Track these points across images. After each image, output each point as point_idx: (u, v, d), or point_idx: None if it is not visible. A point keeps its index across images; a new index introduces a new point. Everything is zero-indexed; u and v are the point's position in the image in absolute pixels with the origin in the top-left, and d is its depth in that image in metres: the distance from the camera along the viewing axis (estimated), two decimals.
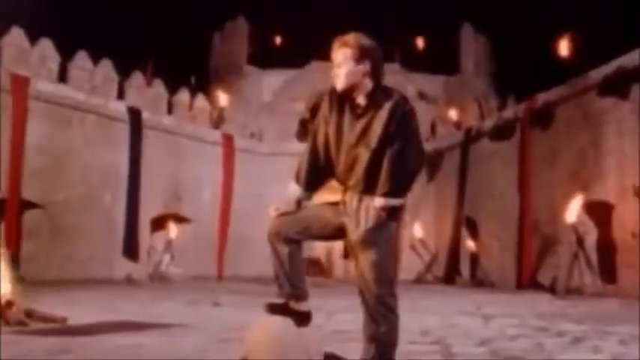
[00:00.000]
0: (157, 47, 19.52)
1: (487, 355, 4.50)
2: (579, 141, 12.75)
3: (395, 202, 2.73)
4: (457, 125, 19.27)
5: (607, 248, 11.62)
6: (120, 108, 15.83)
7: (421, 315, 7.05)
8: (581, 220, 11.84)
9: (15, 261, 7.78)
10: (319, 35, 21.38)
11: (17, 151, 13.09)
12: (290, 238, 2.94)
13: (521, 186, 14.25)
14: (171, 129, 17.22)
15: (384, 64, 2.96)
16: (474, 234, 16.60)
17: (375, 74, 2.83)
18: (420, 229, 18.60)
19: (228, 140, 18.62)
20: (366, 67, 2.82)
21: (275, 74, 21.48)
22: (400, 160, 2.71)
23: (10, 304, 5.59)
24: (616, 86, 11.67)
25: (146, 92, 17.11)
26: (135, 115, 15.89)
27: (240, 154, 19.06)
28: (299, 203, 2.97)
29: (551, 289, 12.44)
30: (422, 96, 21.20)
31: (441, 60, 21.38)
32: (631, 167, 11.16)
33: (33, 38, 14.58)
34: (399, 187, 2.74)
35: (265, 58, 21.83)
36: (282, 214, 2.98)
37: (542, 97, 14.28)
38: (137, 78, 17.10)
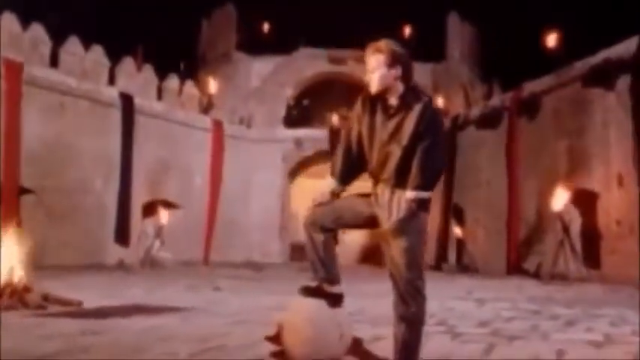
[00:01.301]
0: (145, 33, 19.53)
1: (489, 334, 4.79)
2: (565, 130, 13.08)
3: (424, 194, 2.99)
4: (444, 112, 19.55)
5: (591, 235, 11.99)
6: (112, 93, 15.88)
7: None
8: (566, 208, 12.19)
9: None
10: (307, 22, 21.55)
11: (13, 137, 13.13)
12: (325, 227, 3.19)
13: (508, 174, 14.58)
14: (162, 115, 17.30)
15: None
16: (461, 221, 16.94)
17: (406, 78, 3.07)
18: None
19: (217, 126, 18.75)
20: (397, 71, 3.06)
21: (263, 60, 21.55)
22: (429, 157, 2.97)
23: (27, 288, 5.78)
24: (602, 77, 11.98)
25: (136, 78, 17.16)
26: (127, 100, 15.95)
27: (228, 139, 19.20)
28: (334, 195, 3.21)
29: (536, 275, 12.82)
30: None
31: (428, 48, 21.57)
32: (616, 157, 11.52)
33: (24, 23, 14.56)
34: (429, 181, 3.00)
35: (253, 44, 21.86)
36: (318, 205, 3.21)
37: (528, 87, 14.59)
38: (127, 63, 17.13)
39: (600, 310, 6.79)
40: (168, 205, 17.19)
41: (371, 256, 21.33)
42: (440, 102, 19.74)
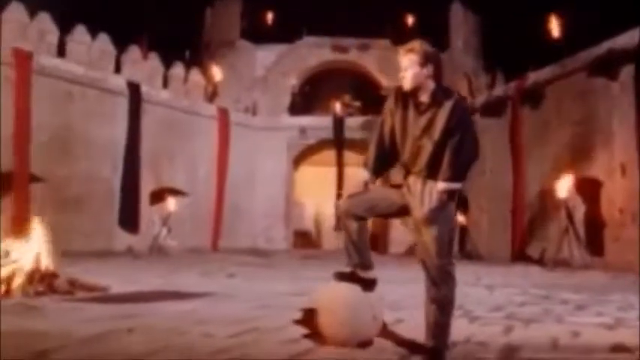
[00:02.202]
0: (150, 21, 19.59)
1: (505, 318, 4.99)
2: (569, 120, 13.26)
3: (455, 186, 3.19)
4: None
5: (595, 223, 12.20)
6: (119, 82, 16.01)
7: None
8: (570, 196, 12.39)
9: None
10: (310, 11, 21.59)
11: (23, 126, 13.29)
12: (359, 216, 3.38)
13: (512, 162, 14.77)
14: (168, 103, 17.44)
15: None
16: (465, 209, 17.14)
17: (437, 76, 3.25)
18: None
19: (223, 114, 18.90)
20: (429, 70, 3.24)
21: (267, 49, 21.65)
22: (459, 151, 3.17)
23: (55, 274, 5.97)
24: (606, 67, 12.14)
25: (142, 66, 17.28)
26: (134, 89, 16.08)
27: (233, 127, 19.34)
28: (367, 186, 3.39)
29: (540, 262, 13.03)
30: None
31: (431, 37, 21.67)
32: (619, 146, 11.70)
33: (31, 13, 14.67)
34: (459, 173, 3.20)
35: (257, 33, 21.95)
36: (353, 195, 3.40)
37: (532, 76, 14.74)
38: (133, 52, 17.24)
39: (607, 295, 7.00)
40: (175, 192, 17.38)
41: (371, 243, 21.55)
42: None
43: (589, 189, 12.39)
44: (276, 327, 4.08)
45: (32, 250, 5.95)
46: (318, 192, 21.43)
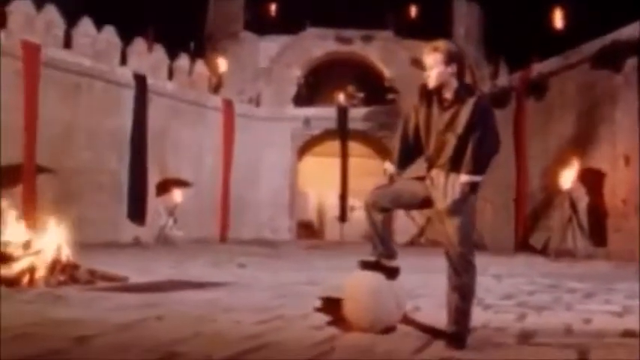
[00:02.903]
0: (155, 13, 19.65)
1: (516, 306, 5.14)
2: (573, 111, 13.39)
3: (476, 178, 3.36)
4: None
5: (598, 213, 12.35)
6: (126, 74, 16.12)
7: (437, 274, 7.65)
8: (574, 186, 12.54)
9: None
10: (314, 2, 21.62)
11: (32, 118, 13.41)
12: (384, 207, 3.54)
13: (516, 153, 14.90)
14: (174, 94, 17.55)
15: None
16: None
17: (460, 74, 3.39)
18: None
19: (228, 105, 19.01)
20: (453, 68, 3.38)
21: (271, 40, 21.74)
22: (481, 145, 3.32)
23: (75, 265, 6.11)
24: (610, 59, 12.26)
25: (147, 58, 17.38)
26: (140, 80, 16.19)
27: (238, 118, 19.45)
28: (392, 178, 3.54)
29: (543, 252, 13.20)
30: (415, 62, 21.63)
31: (434, 27, 21.74)
32: (623, 137, 11.84)
33: (37, 5, 14.75)
34: (480, 166, 3.36)
35: (261, 24, 22.02)
36: (378, 188, 3.55)
37: (536, 68, 14.85)
38: (139, 44, 17.34)
39: (612, 284, 7.15)
40: (181, 183, 17.52)
41: None
42: None
43: (592, 180, 12.54)
44: (299, 315, 4.22)
45: (53, 241, 6.08)
46: (321, 182, 21.60)
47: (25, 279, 5.63)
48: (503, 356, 3.08)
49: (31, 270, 5.69)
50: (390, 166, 3.56)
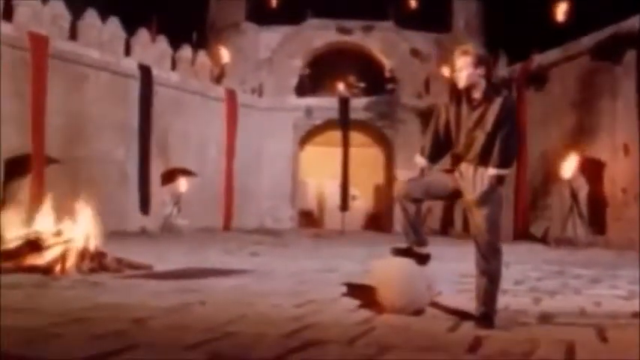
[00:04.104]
0: (158, 3, 19.78)
1: (529, 291, 5.43)
2: (573, 101, 13.65)
3: (503, 171, 3.65)
4: (449, 82, 20.04)
5: (598, 202, 12.66)
6: (131, 65, 16.29)
7: (450, 263, 7.96)
8: (574, 176, 12.83)
9: None
10: None
11: (40, 109, 13.59)
12: (415, 198, 3.82)
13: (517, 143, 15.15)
14: (178, 85, 17.74)
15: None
16: None
17: (487, 76, 3.67)
18: None
19: (231, 95, 19.21)
20: (481, 71, 3.65)
21: (272, 31, 21.93)
22: (508, 141, 3.61)
23: (103, 253, 6.36)
24: (610, 51, 12.52)
25: (151, 49, 17.54)
26: (145, 71, 16.37)
27: (240, 108, 19.65)
28: (423, 171, 3.81)
29: (543, 240, 13.50)
30: (415, 53, 21.90)
31: (433, 18, 21.97)
32: (622, 128, 12.13)
33: None
34: (507, 161, 3.65)
35: (262, 14, 22.18)
36: (410, 180, 3.82)
37: (537, 59, 15.09)
38: (142, 35, 17.50)
39: (615, 271, 7.46)
40: (186, 173, 17.75)
41: (374, 222, 22.05)
42: (445, 72, 20.27)
43: (592, 169, 12.83)
44: (328, 299, 4.49)
45: (81, 230, 6.32)
46: (321, 172, 21.85)
47: (58, 267, 5.87)
48: (530, 334, 3.35)
49: (63, 258, 5.93)
50: (421, 160, 3.84)
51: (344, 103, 20.49)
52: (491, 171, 3.59)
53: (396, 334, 3.25)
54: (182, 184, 17.19)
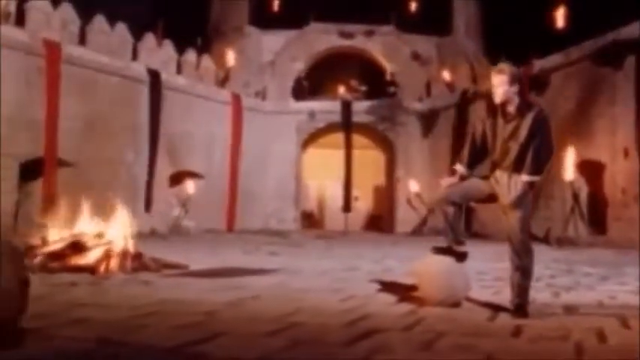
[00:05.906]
0: (163, 8, 20.15)
1: (546, 287, 5.82)
2: (574, 105, 14.08)
3: (535, 178, 4.09)
4: (450, 85, 20.50)
5: (598, 203, 13.10)
6: (140, 69, 16.63)
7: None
8: (575, 177, 13.26)
9: None
10: None
11: (53, 114, 13.93)
12: (454, 202, 4.24)
13: None
14: (185, 89, 18.08)
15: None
16: None
17: (521, 92, 4.09)
18: (415, 184, 19.99)
19: (236, 99, 19.57)
20: (515, 88, 4.09)
21: (274, 35, 22.28)
22: (539, 151, 4.04)
23: (142, 254, 6.72)
24: (610, 57, 12.95)
25: (157, 53, 17.88)
26: (154, 76, 16.71)
27: (245, 112, 20.01)
28: (462, 177, 4.22)
29: (545, 240, 13.91)
30: (416, 57, 22.31)
31: (434, 21, 22.38)
32: (622, 130, 12.57)
33: (54, 2, 15.24)
34: (539, 168, 4.08)
35: (265, 19, 22.54)
36: (450, 185, 4.24)
37: (538, 64, 15.52)
38: (149, 40, 17.83)
39: (621, 269, 7.87)
40: (193, 175, 18.09)
41: (375, 223, 22.45)
42: (446, 75, 20.73)
43: (593, 170, 13.26)
44: (366, 295, 4.87)
45: (120, 231, 6.68)
46: (323, 174, 22.23)
47: (102, 266, 6.23)
48: (561, 323, 3.75)
49: (107, 258, 6.29)
50: (460, 167, 4.25)
51: (346, 107, 20.88)
52: (525, 177, 4.03)
53: (445, 322, 3.64)
54: (190, 186, 17.54)
